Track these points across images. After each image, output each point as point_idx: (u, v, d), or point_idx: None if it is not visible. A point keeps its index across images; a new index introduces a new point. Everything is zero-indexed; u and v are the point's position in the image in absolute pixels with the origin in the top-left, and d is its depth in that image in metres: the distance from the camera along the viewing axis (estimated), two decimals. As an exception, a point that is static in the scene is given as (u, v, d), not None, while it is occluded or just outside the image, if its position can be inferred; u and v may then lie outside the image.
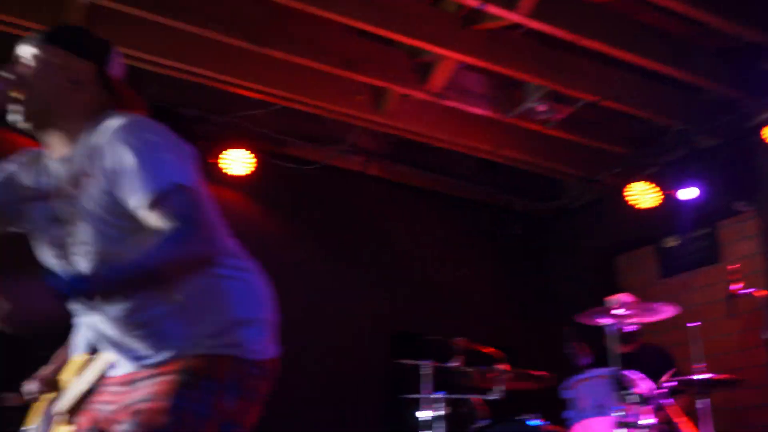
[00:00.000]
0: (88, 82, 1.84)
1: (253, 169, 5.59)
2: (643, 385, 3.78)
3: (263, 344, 1.83)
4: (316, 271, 5.83)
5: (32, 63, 1.80)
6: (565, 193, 6.97)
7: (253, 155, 5.57)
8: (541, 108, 5.33)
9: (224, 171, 5.54)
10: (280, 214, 5.99)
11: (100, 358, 2.49)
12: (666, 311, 3.95)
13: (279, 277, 6.67)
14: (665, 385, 3.92)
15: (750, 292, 4.09)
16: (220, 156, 5.52)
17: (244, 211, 5.84)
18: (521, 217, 7.01)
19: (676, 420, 3.86)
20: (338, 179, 6.19)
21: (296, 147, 6.02)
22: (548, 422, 3.82)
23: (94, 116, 1.81)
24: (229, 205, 5.75)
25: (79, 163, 1.76)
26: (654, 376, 4.23)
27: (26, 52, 1.82)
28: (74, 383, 2.70)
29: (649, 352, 4.70)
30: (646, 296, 5.83)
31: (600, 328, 3.99)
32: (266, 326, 1.87)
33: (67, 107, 1.81)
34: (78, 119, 1.81)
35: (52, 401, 2.82)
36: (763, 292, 4.14)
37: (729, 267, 4.29)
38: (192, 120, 5.56)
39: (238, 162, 5.55)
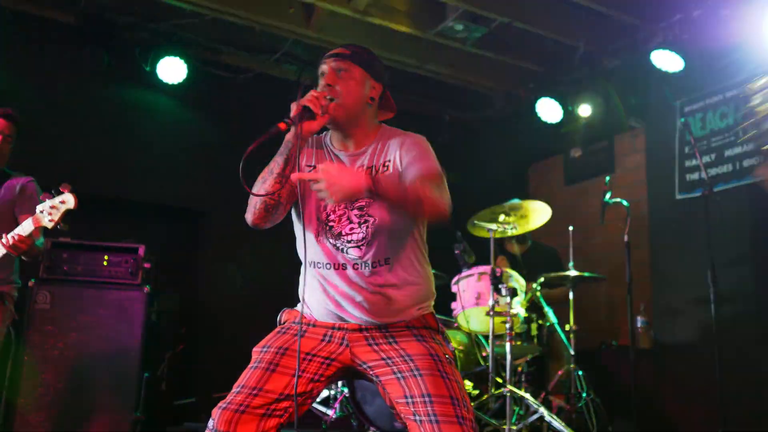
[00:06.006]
0: (377, 99, 2.35)
1: (187, 76, 5.84)
2: (515, 280, 4.37)
3: None
4: (249, 175, 6.23)
5: (342, 77, 2.26)
6: (490, 106, 7.41)
7: (187, 63, 5.82)
8: (459, 27, 5.72)
9: (159, 78, 5.80)
10: (215, 120, 6.34)
11: None
12: (541, 217, 4.50)
13: (214, 181, 7.15)
14: (541, 280, 4.53)
15: (620, 201, 4.64)
16: (155, 63, 5.75)
17: (180, 118, 6.18)
18: (449, 126, 7.43)
19: (545, 309, 4.50)
20: (273, 88, 6.50)
21: (230, 56, 6.31)
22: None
23: (374, 124, 2.35)
24: (164, 112, 6.13)
25: (369, 158, 2.28)
26: (541, 272, 4.84)
27: (336, 66, 2.27)
28: None
29: (539, 252, 5.32)
30: (551, 202, 6.43)
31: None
32: None
33: (363, 118, 2.31)
34: (366, 127, 2.32)
35: None
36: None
37: (606, 178, 4.82)
38: (127, 27, 5.79)
39: (172, 69, 5.79)
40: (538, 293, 4.60)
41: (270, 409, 2.05)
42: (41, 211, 3.20)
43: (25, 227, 3.24)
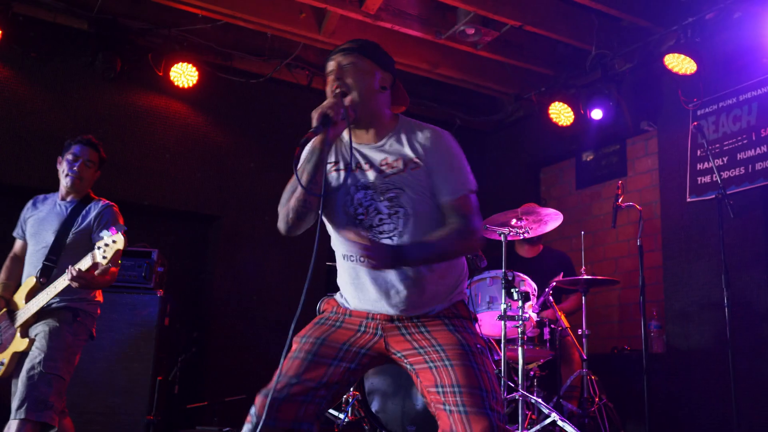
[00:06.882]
0: (389, 88, 2.38)
1: (199, 81, 5.89)
2: (527, 284, 4.36)
3: None
4: (261, 180, 6.26)
5: (349, 70, 2.29)
6: (501, 110, 7.41)
7: (199, 68, 5.87)
8: (470, 31, 5.72)
9: (172, 83, 5.84)
10: (227, 125, 6.36)
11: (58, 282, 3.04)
12: (553, 222, 4.48)
13: (227, 185, 7.16)
14: (552, 284, 4.52)
15: (633, 205, 4.62)
16: (168, 68, 5.81)
17: (192, 123, 6.21)
18: (461, 130, 7.44)
19: (558, 314, 4.47)
20: (284, 92, 6.54)
21: (242, 61, 6.34)
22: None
23: (390, 114, 2.37)
24: (177, 117, 6.17)
25: (393, 149, 2.30)
26: (552, 276, 4.83)
27: (342, 60, 2.31)
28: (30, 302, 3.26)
29: (550, 256, 5.30)
30: (563, 205, 6.42)
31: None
32: None
33: (379, 107, 2.33)
34: (383, 117, 2.35)
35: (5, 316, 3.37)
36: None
37: (619, 182, 4.79)
38: (139, 32, 5.84)
39: (185, 75, 5.84)
40: (550, 297, 4.59)
41: (309, 396, 2.13)
42: (98, 247, 3.21)
43: (84, 262, 3.24)
